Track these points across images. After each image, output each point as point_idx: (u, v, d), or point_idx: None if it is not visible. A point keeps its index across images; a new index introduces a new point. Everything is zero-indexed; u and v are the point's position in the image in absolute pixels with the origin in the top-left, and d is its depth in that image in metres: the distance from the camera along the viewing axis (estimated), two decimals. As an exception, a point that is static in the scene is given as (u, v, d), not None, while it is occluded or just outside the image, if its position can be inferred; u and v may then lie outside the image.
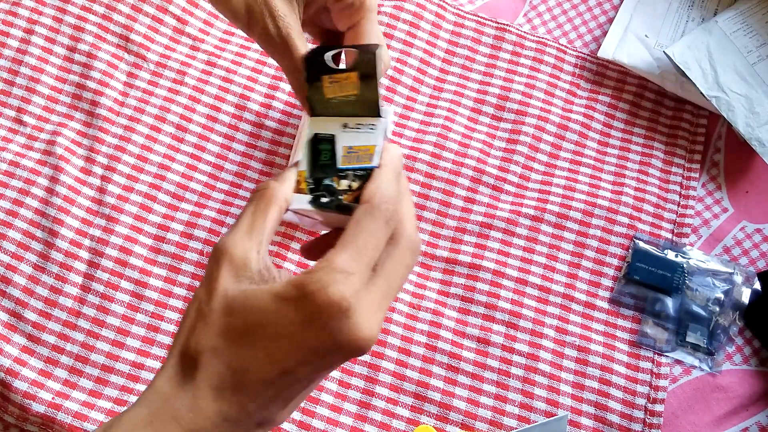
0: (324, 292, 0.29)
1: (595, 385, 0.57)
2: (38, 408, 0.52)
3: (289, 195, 0.36)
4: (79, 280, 0.56)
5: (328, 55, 0.38)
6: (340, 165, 0.36)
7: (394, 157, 0.36)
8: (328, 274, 0.30)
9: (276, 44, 0.41)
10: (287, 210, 0.36)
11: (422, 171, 0.62)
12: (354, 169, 0.36)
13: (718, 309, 0.60)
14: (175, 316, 0.56)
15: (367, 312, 0.30)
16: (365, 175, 0.35)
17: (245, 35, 0.54)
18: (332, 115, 0.38)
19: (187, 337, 0.32)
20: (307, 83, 0.38)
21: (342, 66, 0.38)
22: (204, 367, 0.31)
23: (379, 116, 0.38)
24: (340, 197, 0.36)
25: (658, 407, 0.56)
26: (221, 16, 0.60)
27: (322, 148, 0.36)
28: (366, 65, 0.36)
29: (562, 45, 0.68)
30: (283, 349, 0.30)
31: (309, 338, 0.30)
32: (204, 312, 0.32)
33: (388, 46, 0.66)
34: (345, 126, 0.37)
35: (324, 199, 0.36)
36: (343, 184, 0.36)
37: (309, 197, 0.36)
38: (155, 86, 0.63)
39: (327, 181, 0.36)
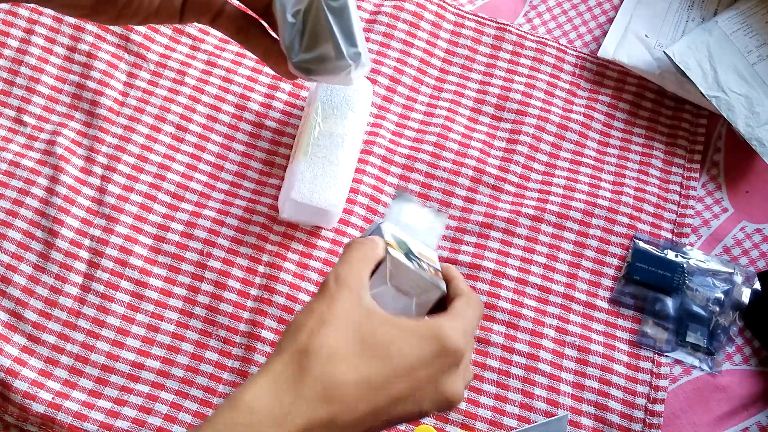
0: (451, 340, 0.36)
1: (595, 385, 0.57)
2: (38, 408, 0.52)
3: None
4: (79, 280, 0.56)
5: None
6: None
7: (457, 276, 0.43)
8: (453, 326, 0.37)
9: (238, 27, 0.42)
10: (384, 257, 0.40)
11: (422, 171, 0.62)
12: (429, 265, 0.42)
13: (718, 309, 0.60)
14: (175, 316, 0.56)
15: (464, 372, 0.38)
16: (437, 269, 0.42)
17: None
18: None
19: (305, 338, 0.34)
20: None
21: None
22: (324, 370, 0.33)
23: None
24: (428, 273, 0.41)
25: (658, 407, 0.56)
26: None
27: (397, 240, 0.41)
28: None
29: (562, 45, 0.69)
30: (402, 376, 0.34)
31: (426, 372, 0.35)
32: (325, 318, 0.34)
33: (388, 46, 0.66)
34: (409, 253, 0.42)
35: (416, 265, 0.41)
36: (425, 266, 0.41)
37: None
38: (155, 86, 0.63)
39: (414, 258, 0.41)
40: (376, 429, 0.35)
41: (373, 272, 0.38)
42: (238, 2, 0.41)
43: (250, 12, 0.45)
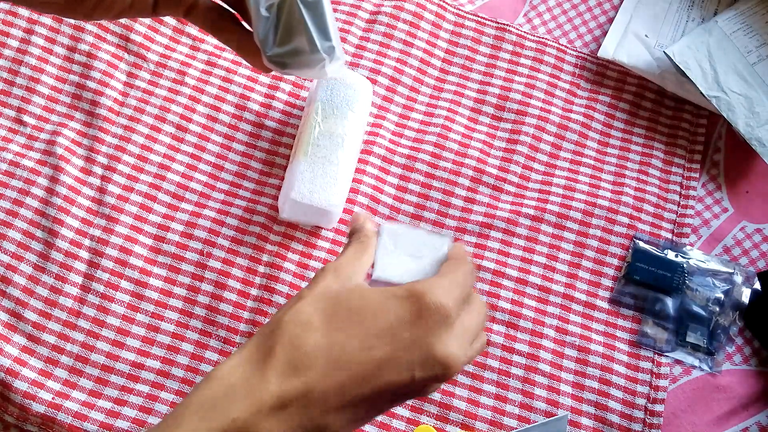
0: (432, 295, 0.33)
1: (595, 385, 0.57)
2: (38, 408, 0.52)
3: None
4: (79, 280, 0.56)
5: None
6: None
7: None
8: (433, 284, 0.34)
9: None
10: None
11: (422, 171, 0.62)
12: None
13: (718, 309, 0.60)
14: (175, 316, 0.56)
15: (459, 335, 0.34)
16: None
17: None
18: None
19: (280, 314, 0.33)
20: None
21: None
22: (292, 340, 0.32)
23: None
24: None
25: (658, 407, 0.56)
26: None
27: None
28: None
29: (562, 45, 0.69)
30: (381, 338, 0.32)
31: (410, 333, 0.32)
32: (303, 295, 0.33)
33: (388, 46, 0.66)
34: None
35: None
36: None
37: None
38: (155, 86, 0.63)
39: None
40: (368, 401, 0.32)
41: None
42: None
43: (225, 5, 0.45)
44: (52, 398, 0.52)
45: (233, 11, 0.45)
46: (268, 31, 0.40)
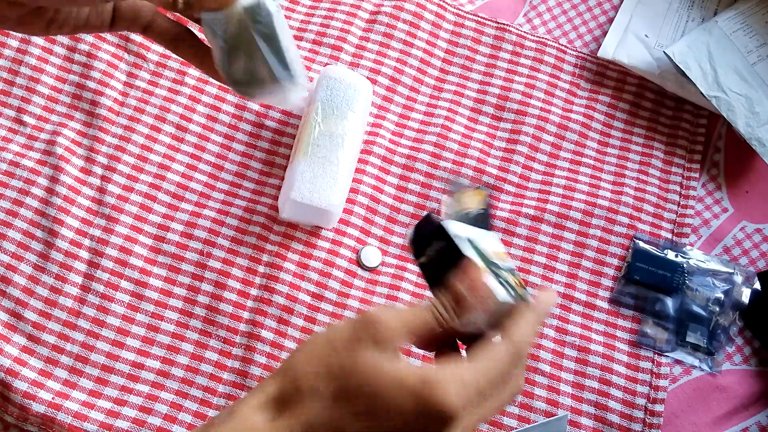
0: (444, 399, 0.32)
1: (595, 385, 0.57)
2: (38, 408, 0.52)
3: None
4: (79, 280, 0.56)
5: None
6: (499, 264, 0.39)
7: (549, 303, 0.38)
8: (454, 384, 0.32)
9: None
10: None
11: (422, 171, 0.62)
12: (506, 267, 0.39)
13: (718, 309, 0.60)
14: (175, 316, 0.56)
15: (464, 400, 0.32)
16: (513, 271, 0.40)
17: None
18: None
19: (302, 374, 0.34)
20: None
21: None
22: (305, 406, 0.33)
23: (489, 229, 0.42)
24: (517, 289, 0.39)
25: (658, 407, 0.56)
26: None
27: (477, 249, 0.39)
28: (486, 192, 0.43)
29: (562, 45, 0.68)
30: (382, 425, 0.33)
31: (409, 427, 0.32)
32: (331, 363, 0.33)
33: (388, 46, 0.66)
34: (470, 240, 0.40)
35: (511, 291, 0.38)
36: (511, 278, 0.39)
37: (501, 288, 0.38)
38: (155, 86, 0.63)
39: (502, 276, 0.38)
40: None
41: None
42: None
43: (187, 21, 0.44)
44: (52, 398, 0.52)
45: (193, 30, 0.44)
46: (225, 61, 0.39)
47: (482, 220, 0.42)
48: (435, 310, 0.35)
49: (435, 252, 0.39)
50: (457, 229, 0.39)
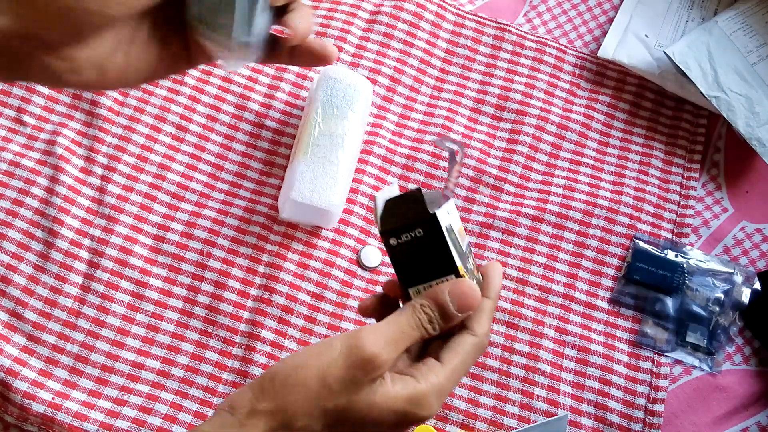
0: (428, 412, 0.35)
1: (595, 385, 0.57)
2: (38, 408, 0.52)
3: None
4: (79, 280, 0.56)
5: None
6: (463, 247, 0.38)
7: (499, 285, 0.39)
8: (435, 395, 0.35)
9: None
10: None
11: (422, 171, 0.62)
12: (469, 251, 0.39)
13: (718, 309, 0.60)
14: (175, 316, 0.56)
15: (440, 405, 0.36)
16: (470, 250, 0.39)
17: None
18: None
19: (294, 416, 0.34)
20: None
21: None
22: None
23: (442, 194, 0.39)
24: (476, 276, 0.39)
25: (658, 407, 0.56)
26: None
27: (452, 238, 0.37)
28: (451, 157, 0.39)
29: (562, 45, 0.68)
30: None
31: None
32: (326, 405, 0.34)
33: (388, 46, 0.66)
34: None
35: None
36: (470, 263, 0.39)
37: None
38: (155, 86, 0.63)
39: (469, 266, 0.38)
40: None
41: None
42: None
43: None
44: (52, 398, 0.52)
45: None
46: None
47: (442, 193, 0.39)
48: (422, 325, 0.36)
49: (413, 239, 0.36)
50: (443, 219, 0.36)
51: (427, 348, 0.39)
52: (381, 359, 0.34)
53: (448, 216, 0.37)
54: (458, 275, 0.37)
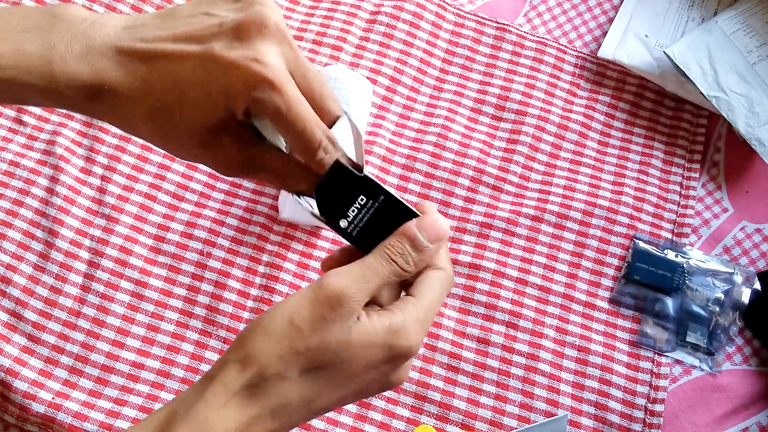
0: (408, 342, 0.34)
1: (595, 385, 0.57)
2: (38, 408, 0.52)
3: None
4: (79, 280, 0.56)
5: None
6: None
7: (437, 217, 0.37)
8: (413, 325, 0.34)
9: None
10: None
11: (422, 171, 0.62)
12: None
13: (718, 309, 0.60)
14: (175, 316, 0.56)
15: (422, 335, 0.35)
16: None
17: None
18: None
19: (266, 361, 0.32)
20: None
21: None
22: (271, 392, 0.32)
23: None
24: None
25: (658, 407, 0.56)
26: None
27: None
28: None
29: (562, 45, 0.69)
30: (352, 385, 0.34)
31: (378, 373, 0.34)
32: (296, 346, 0.32)
33: (388, 46, 0.66)
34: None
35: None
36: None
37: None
38: (155, 86, 0.63)
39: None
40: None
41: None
42: None
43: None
44: (52, 398, 0.52)
45: None
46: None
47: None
48: (391, 259, 0.34)
49: (361, 208, 0.36)
50: (371, 175, 0.36)
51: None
52: (347, 293, 0.32)
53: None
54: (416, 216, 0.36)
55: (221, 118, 0.34)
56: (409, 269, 0.35)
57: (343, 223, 0.36)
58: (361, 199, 0.36)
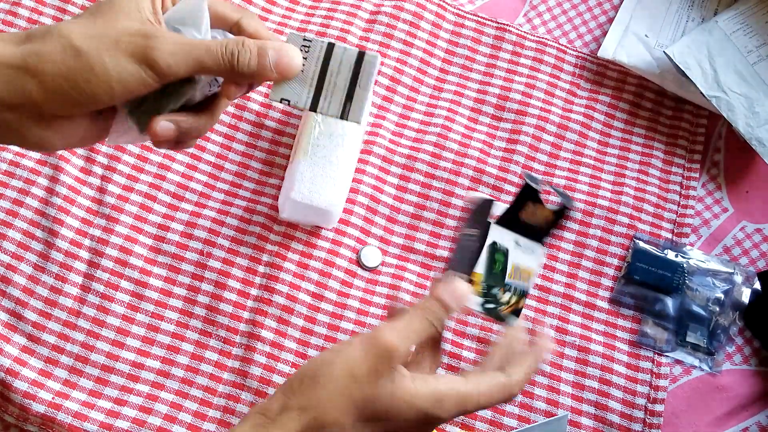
0: (445, 415, 0.37)
1: (595, 385, 0.57)
2: (38, 408, 0.52)
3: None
4: (79, 280, 0.56)
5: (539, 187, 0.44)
6: (507, 279, 0.43)
7: (547, 350, 0.42)
8: (454, 400, 0.37)
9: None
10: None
11: (422, 171, 0.62)
12: (516, 287, 0.43)
13: (718, 309, 0.60)
14: (175, 316, 0.56)
15: (458, 412, 0.38)
16: (523, 293, 0.44)
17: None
18: (510, 229, 0.45)
19: (326, 410, 0.35)
20: (516, 201, 0.44)
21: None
22: None
23: (542, 244, 0.44)
24: (501, 307, 0.43)
25: (658, 407, 0.56)
26: None
27: (497, 258, 0.43)
28: (563, 212, 0.44)
29: (562, 45, 0.68)
30: None
31: (413, 430, 0.37)
32: (355, 397, 0.36)
33: (388, 46, 0.66)
34: (516, 243, 0.44)
35: (489, 305, 0.43)
36: (506, 297, 0.43)
37: (481, 300, 0.42)
38: (155, 86, 0.63)
39: (495, 291, 0.43)
40: None
41: None
42: None
43: None
44: (52, 398, 0.52)
45: None
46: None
47: (541, 232, 0.45)
48: (426, 318, 0.38)
49: (467, 235, 0.42)
50: (495, 233, 0.42)
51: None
52: (396, 348, 0.36)
53: (511, 243, 0.43)
54: (470, 278, 0.41)
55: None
56: (439, 326, 0.39)
57: (457, 234, 0.44)
58: (474, 230, 0.44)
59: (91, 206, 0.59)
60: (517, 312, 0.44)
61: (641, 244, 0.61)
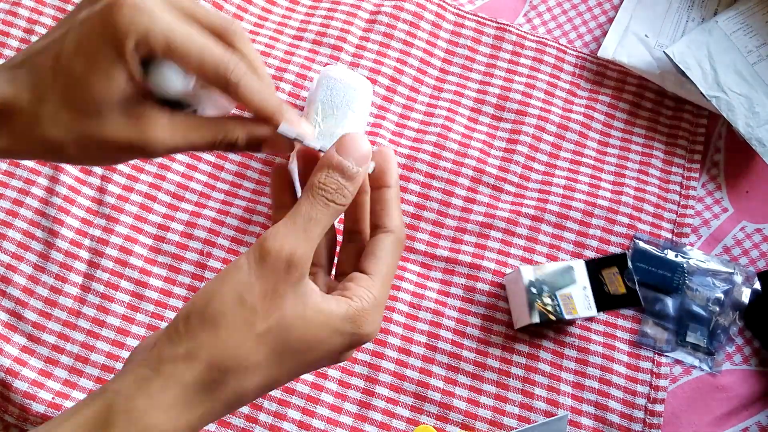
0: (370, 329, 0.32)
1: (595, 385, 0.57)
2: (38, 408, 0.52)
3: None
4: (79, 280, 0.56)
5: None
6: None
7: (396, 171, 0.35)
8: (374, 310, 0.32)
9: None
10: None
11: (422, 171, 0.62)
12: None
13: (718, 309, 0.60)
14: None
15: (381, 317, 0.33)
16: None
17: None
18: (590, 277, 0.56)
19: (222, 354, 0.29)
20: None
21: None
22: (230, 385, 0.29)
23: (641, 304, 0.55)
24: None
25: (658, 407, 0.56)
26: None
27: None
28: (633, 297, 0.54)
29: (562, 45, 0.68)
30: (313, 365, 0.32)
31: (339, 357, 0.32)
32: (256, 332, 0.29)
33: (388, 46, 0.66)
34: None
35: None
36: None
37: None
38: (155, 86, 0.63)
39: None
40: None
41: None
42: None
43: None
44: (52, 398, 0.52)
45: None
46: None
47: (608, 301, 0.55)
48: (327, 198, 0.31)
49: None
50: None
51: (341, 261, 0.36)
52: (292, 253, 0.29)
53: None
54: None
55: (124, 75, 0.30)
56: (347, 203, 0.31)
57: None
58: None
59: (91, 206, 0.59)
60: None
61: (641, 244, 0.61)
